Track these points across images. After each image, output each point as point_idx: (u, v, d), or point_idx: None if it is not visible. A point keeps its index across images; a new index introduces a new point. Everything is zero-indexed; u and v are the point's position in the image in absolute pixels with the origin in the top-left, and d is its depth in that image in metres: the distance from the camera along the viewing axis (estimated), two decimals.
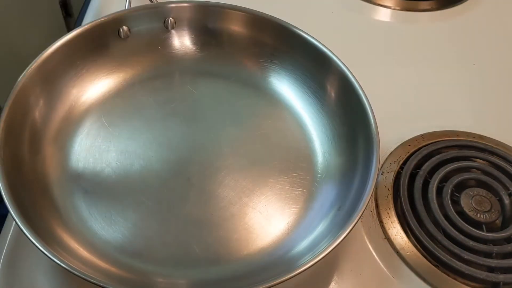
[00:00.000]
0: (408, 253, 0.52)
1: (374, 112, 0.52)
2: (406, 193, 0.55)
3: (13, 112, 0.50)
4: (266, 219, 0.52)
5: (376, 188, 0.56)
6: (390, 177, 0.57)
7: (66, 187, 0.52)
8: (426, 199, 0.54)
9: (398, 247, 0.52)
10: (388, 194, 0.56)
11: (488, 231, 0.52)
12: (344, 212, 0.48)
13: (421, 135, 0.61)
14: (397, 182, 0.56)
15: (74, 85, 0.58)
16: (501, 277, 0.49)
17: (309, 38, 0.59)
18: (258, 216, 0.52)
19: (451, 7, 0.80)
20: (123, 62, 0.62)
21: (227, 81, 0.63)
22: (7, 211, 0.43)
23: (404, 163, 0.58)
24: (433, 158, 0.57)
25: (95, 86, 0.60)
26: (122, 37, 0.61)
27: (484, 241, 0.52)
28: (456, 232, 0.52)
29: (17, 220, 0.42)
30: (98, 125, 0.58)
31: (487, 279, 0.49)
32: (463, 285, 0.50)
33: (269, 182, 0.55)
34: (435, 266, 0.51)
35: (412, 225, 0.52)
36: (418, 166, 0.57)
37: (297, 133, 0.59)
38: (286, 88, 0.62)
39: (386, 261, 0.51)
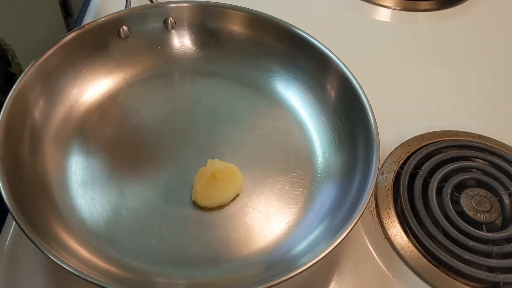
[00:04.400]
0: (408, 253, 0.52)
1: (374, 112, 0.52)
2: (406, 193, 0.55)
3: (13, 112, 0.50)
4: (266, 219, 0.52)
5: (376, 188, 0.56)
6: (390, 177, 0.57)
7: (66, 187, 0.52)
8: (426, 199, 0.54)
9: (398, 247, 0.52)
10: (388, 194, 0.56)
11: (488, 231, 0.52)
12: (344, 212, 0.48)
13: (421, 135, 0.61)
14: (397, 182, 0.56)
15: (74, 85, 0.58)
16: (501, 277, 0.49)
17: (309, 38, 0.59)
18: (258, 216, 0.52)
19: (451, 7, 0.80)
20: (123, 62, 0.62)
21: (227, 81, 0.63)
22: (7, 211, 0.43)
23: (404, 163, 0.58)
24: (433, 158, 0.57)
25: (95, 86, 0.60)
26: (122, 37, 0.61)
27: (484, 241, 0.52)
28: (456, 232, 0.52)
29: (17, 220, 0.42)
30: (98, 125, 0.58)
31: (487, 279, 0.49)
32: (463, 285, 0.50)
33: (269, 182, 0.55)
34: (435, 266, 0.51)
35: (412, 225, 0.52)
36: (418, 166, 0.57)
37: (297, 133, 0.59)
38: (286, 88, 0.62)
39: (386, 261, 0.51)
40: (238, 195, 0.53)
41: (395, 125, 0.62)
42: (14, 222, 0.49)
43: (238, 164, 0.55)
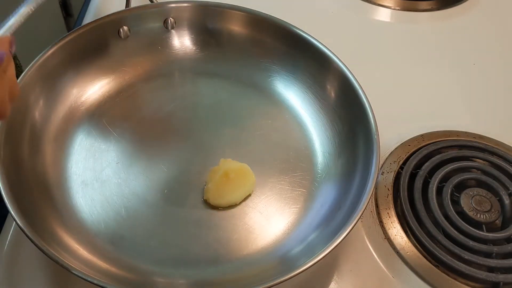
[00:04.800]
0: (408, 253, 0.52)
1: (374, 112, 0.52)
2: (406, 193, 0.55)
3: (13, 112, 0.49)
4: (266, 219, 0.52)
5: (376, 188, 0.56)
6: (390, 177, 0.57)
7: (66, 187, 0.53)
8: (426, 199, 0.54)
9: (398, 247, 0.52)
10: (388, 194, 0.56)
11: (488, 231, 0.52)
12: (344, 212, 0.48)
13: (421, 135, 0.61)
14: (397, 182, 0.56)
15: (74, 85, 0.58)
16: (501, 277, 0.49)
17: (309, 38, 0.59)
18: (258, 216, 0.52)
19: (451, 7, 0.80)
20: (123, 62, 0.62)
21: (227, 81, 0.63)
22: (7, 211, 0.43)
23: (404, 163, 0.58)
24: (433, 158, 0.57)
25: (95, 86, 0.60)
26: (122, 37, 0.61)
27: (484, 241, 0.52)
28: (456, 232, 0.52)
29: (17, 220, 0.42)
30: (98, 125, 0.58)
31: (487, 279, 0.49)
32: (463, 285, 0.50)
33: (269, 182, 0.55)
34: (435, 266, 0.51)
35: (412, 225, 0.52)
36: (418, 166, 0.57)
37: (297, 133, 0.59)
38: (286, 88, 0.62)
39: (386, 261, 0.51)
40: (249, 195, 0.53)
41: (395, 125, 0.62)
42: (14, 222, 0.49)
43: None
